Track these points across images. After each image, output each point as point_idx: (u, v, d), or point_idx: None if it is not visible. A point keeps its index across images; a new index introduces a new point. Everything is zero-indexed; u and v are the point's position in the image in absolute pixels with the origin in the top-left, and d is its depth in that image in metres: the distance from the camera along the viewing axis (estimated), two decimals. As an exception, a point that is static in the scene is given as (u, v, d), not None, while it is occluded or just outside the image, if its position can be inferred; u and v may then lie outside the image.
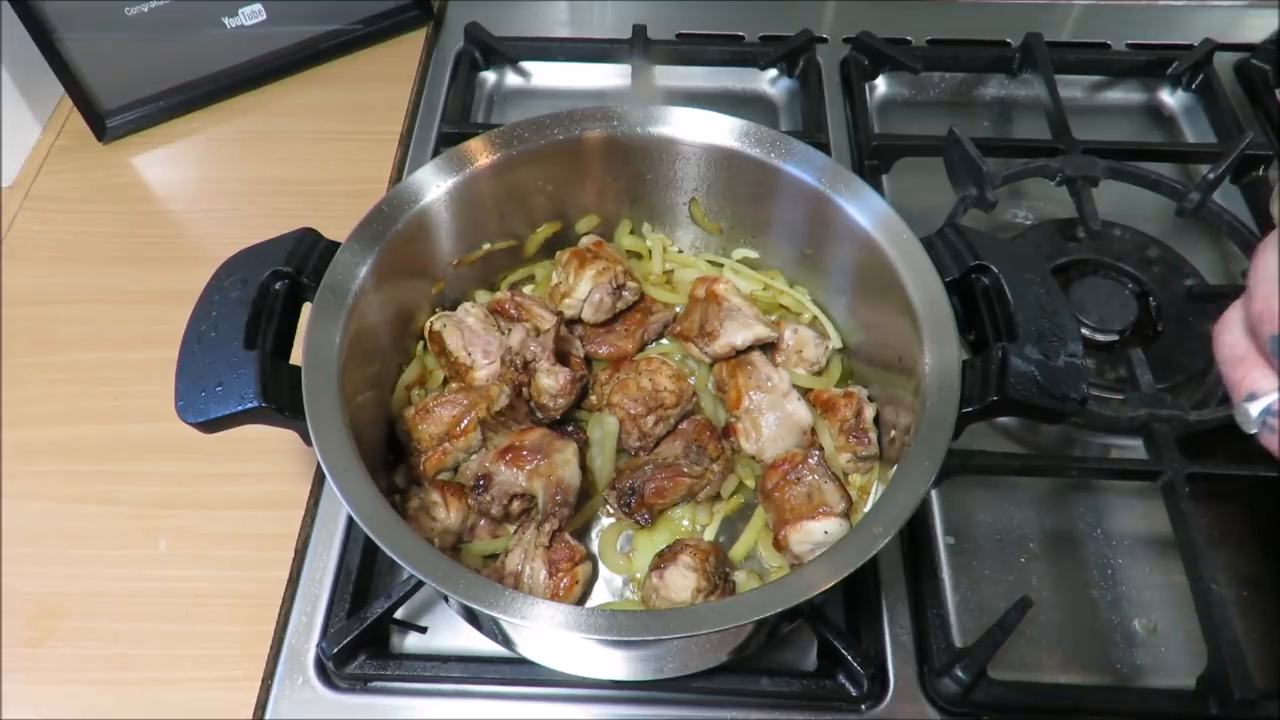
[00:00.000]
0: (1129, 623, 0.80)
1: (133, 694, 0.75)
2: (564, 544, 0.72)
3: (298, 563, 0.81)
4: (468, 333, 0.83)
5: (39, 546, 0.82)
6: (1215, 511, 0.86)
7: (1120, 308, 0.95)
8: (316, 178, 1.09)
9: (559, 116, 0.81)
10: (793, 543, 0.74)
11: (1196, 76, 1.20)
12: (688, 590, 0.69)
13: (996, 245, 0.73)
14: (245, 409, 0.63)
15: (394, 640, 0.79)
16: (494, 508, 0.75)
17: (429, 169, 0.79)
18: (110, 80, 1.10)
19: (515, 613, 0.57)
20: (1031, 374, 0.64)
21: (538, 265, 0.93)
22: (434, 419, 0.79)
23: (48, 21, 1.03)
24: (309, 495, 0.85)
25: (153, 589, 0.80)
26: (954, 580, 0.82)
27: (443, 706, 0.75)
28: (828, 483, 0.75)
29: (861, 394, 0.82)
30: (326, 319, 0.69)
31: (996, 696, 0.73)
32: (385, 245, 0.74)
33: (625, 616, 0.58)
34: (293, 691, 0.75)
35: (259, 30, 1.15)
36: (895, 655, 0.76)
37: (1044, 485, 0.88)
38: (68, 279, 1.01)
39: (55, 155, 1.12)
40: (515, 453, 0.76)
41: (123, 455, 0.87)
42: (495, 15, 1.25)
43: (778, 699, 0.74)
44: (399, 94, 1.18)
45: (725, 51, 1.22)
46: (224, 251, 0.72)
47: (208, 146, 1.14)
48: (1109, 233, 1.02)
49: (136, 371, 0.93)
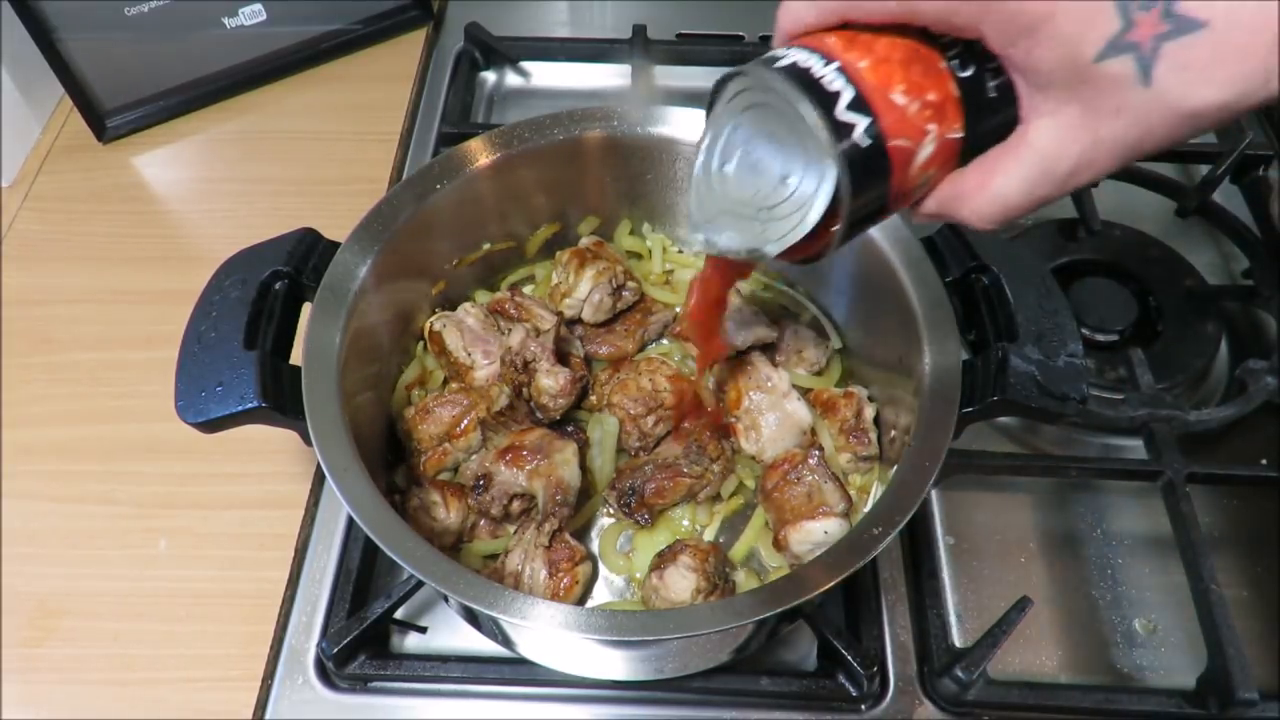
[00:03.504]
0: (1129, 623, 0.80)
1: (133, 694, 0.75)
2: (564, 544, 0.72)
3: (298, 563, 0.81)
4: (468, 333, 0.83)
5: (39, 546, 0.82)
6: (1215, 511, 0.86)
7: (1120, 308, 0.95)
8: (316, 178, 1.09)
9: (559, 116, 0.81)
10: (793, 543, 0.74)
11: (1196, 76, 1.19)
12: (687, 591, 0.69)
13: (996, 245, 0.73)
14: (245, 409, 0.63)
15: (394, 640, 0.79)
16: (494, 508, 0.75)
17: (429, 169, 0.79)
18: (110, 80, 1.10)
19: (515, 613, 0.57)
20: (1031, 374, 0.64)
21: (538, 265, 0.93)
22: (434, 419, 0.79)
23: (48, 21, 1.03)
24: (309, 495, 0.85)
25: (153, 589, 0.80)
26: (954, 580, 0.82)
27: (443, 706, 0.75)
28: (828, 483, 0.75)
29: (861, 394, 0.82)
30: (326, 319, 0.69)
31: (996, 696, 0.73)
32: (385, 245, 0.74)
33: (625, 616, 0.58)
34: (293, 691, 0.75)
35: (259, 30, 1.15)
36: (895, 655, 0.76)
37: (1044, 485, 0.88)
38: (68, 279, 1.01)
39: (55, 155, 1.12)
40: (515, 453, 0.76)
41: (123, 455, 0.87)
42: (495, 15, 1.25)
43: (778, 699, 0.74)
44: (399, 94, 1.18)
45: (725, 51, 1.21)
46: (224, 251, 0.72)
47: (208, 146, 1.14)
48: (1109, 233, 1.02)
49: (136, 371, 0.93)
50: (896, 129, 0.49)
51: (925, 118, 0.49)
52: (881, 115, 0.48)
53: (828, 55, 0.49)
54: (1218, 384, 0.95)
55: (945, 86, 0.49)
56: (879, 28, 0.49)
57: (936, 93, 0.49)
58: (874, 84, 0.48)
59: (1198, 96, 0.42)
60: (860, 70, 0.48)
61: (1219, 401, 0.91)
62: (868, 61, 0.48)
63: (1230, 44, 0.41)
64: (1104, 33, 0.42)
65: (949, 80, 0.49)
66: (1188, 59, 0.41)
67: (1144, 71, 0.42)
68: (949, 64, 0.49)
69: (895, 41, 0.48)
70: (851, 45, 0.49)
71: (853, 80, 0.48)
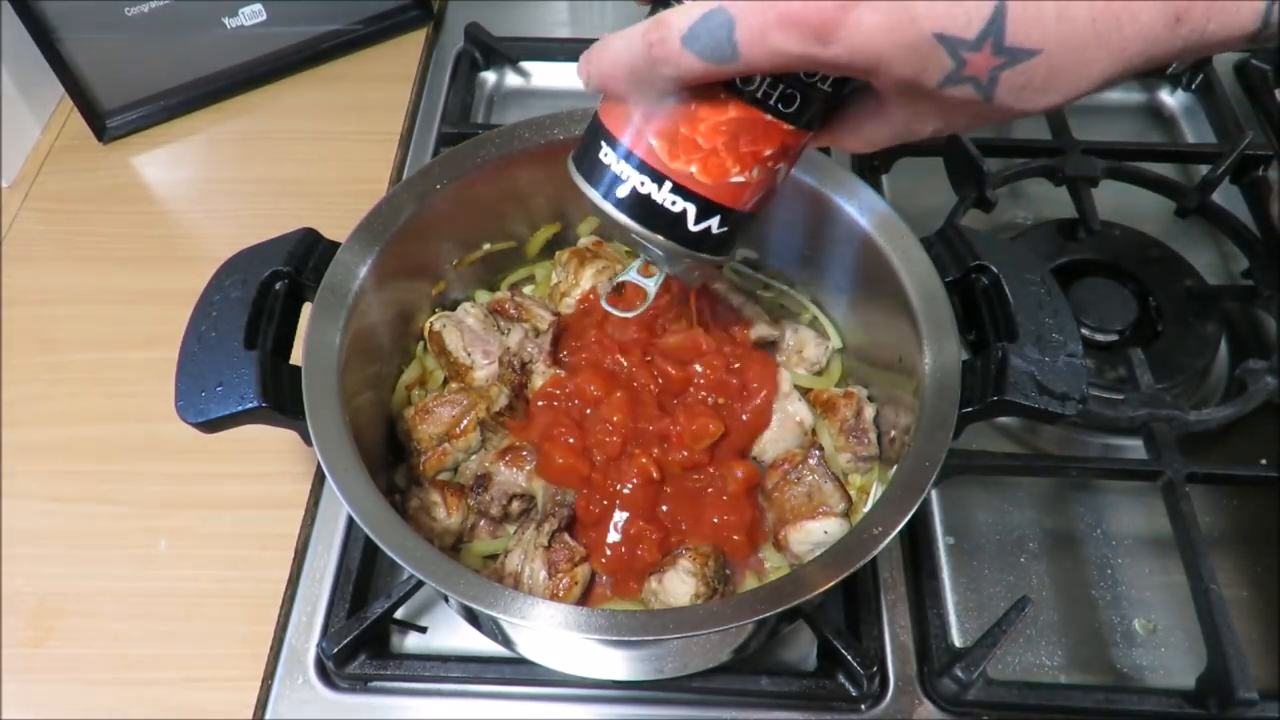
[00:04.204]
0: (1129, 623, 0.80)
1: (133, 694, 0.75)
2: (564, 544, 0.72)
3: (298, 563, 0.81)
4: (467, 333, 0.83)
5: (39, 546, 0.82)
6: (1215, 511, 0.86)
7: (1120, 308, 0.95)
8: (316, 178, 1.09)
9: (559, 116, 0.81)
10: (793, 543, 0.74)
11: (1196, 76, 1.20)
12: (686, 596, 0.69)
13: (996, 245, 0.73)
14: (245, 409, 0.63)
15: (394, 640, 0.79)
16: (494, 508, 0.75)
17: (429, 169, 0.79)
18: (110, 80, 1.10)
19: (515, 613, 0.57)
20: (1031, 374, 0.64)
21: (538, 265, 0.93)
22: (434, 419, 0.79)
23: (48, 21, 1.03)
24: (309, 495, 0.85)
25: (153, 589, 0.80)
26: (954, 580, 0.82)
27: (443, 706, 0.75)
28: (828, 483, 0.75)
29: (861, 394, 0.82)
30: (326, 319, 0.69)
31: (996, 696, 0.73)
32: (385, 245, 0.74)
33: (625, 616, 0.58)
34: (293, 691, 0.75)
35: (259, 30, 1.15)
36: (895, 655, 0.76)
37: (1044, 485, 0.88)
38: (68, 279, 1.01)
39: (55, 155, 1.12)
40: (515, 453, 0.76)
41: (123, 455, 0.87)
42: (495, 15, 1.25)
43: (778, 699, 0.74)
44: (399, 94, 1.18)
45: (725, 51, 1.21)
46: (224, 251, 0.72)
47: (208, 146, 1.14)
48: (1109, 233, 1.02)
49: (136, 371, 0.93)
50: (747, 196, 0.52)
51: (770, 169, 0.51)
52: (729, 202, 0.51)
53: (658, 170, 0.50)
54: (1218, 384, 0.95)
55: (776, 133, 0.50)
56: (694, 106, 0.49)
57: (771, 145, 0.50)
58: (710, 184, 0.50)
59: (1040, 103, 0.43)
60: (692, 177, 0.50)
61: (1219, 401, 0.91)
62: (696, 164, 0.50)
63: (1068, 62, 0.41)
64: (938, 73, 0.42)
65: (778, 126, 0.50)
66: (1025, 80, 0.42)
67: (985, 94, 0.43)
68: (771, 110, 0.49)
69: (716, 123, 0.49)
70: (676, 149, 0.49)
71: (691, 192, 0.50)
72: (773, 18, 0.41)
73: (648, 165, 0.50)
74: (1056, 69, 0.41)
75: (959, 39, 0.40)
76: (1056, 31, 0.40)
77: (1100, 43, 0.40)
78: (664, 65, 0.45)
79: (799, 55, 0.42)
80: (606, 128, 0.52)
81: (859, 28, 0.40)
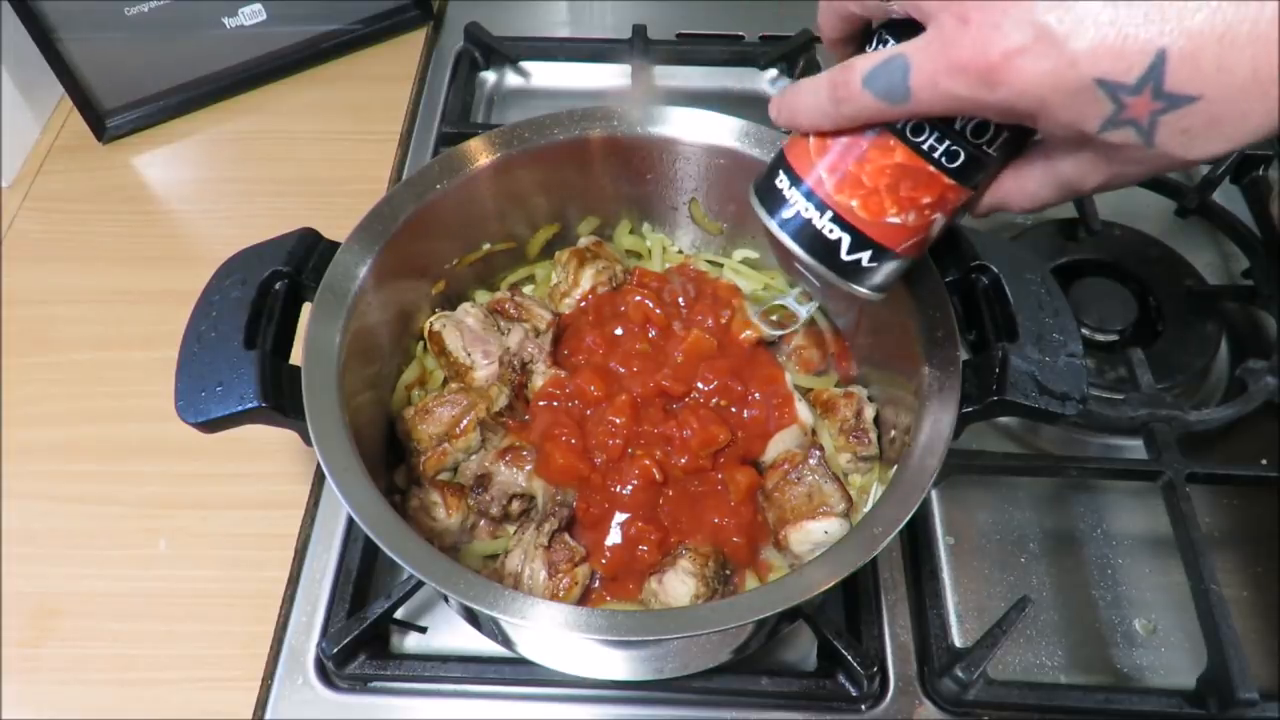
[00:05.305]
0: (1129, 623, 0.80)
1: (133, 694, 0.75)
2: (564, 544, 0.72)
3: (298, 563, 0.81)
4: (467, 333, 0.83)
5: (39, 546, 0.82)
6: (1215, 511, 0.86)
7: (1120, 308, 0.95)
8: (316, 178, 1.09)
9: (559, 116, 0.81)
10: (793, 543, 0.74)
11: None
12: (686, 596, 0.69)
13: (996, 245, 0.72)
14: (245, 409, 0.63)
15: (394, 640, 0.79)
16: (494, 508, 0.75)
17: (429, 169, 0.79)
18: (110, 80, 1.10)
19: (515, 613, 0.57)
20: (1031, 374, 0.64)
21: (538, 265, 0.93)
22: (434, 419, 0.79)
23: (48, 21, 1.03)
24: (309, 495, 0.85)
25: (153, 589, 0.80)
26: (954, 580, 0.82)
27: (443, 706, 0.75)
28: (828, 483, 0.75)
29: (861, 394, 0.82)
30: (326, 319, 0.69)
31: (996, 696, 0.73)
32: (385, 245, 0.74)
33: (625, 616, 0.58)
34: (293, 691, 0.75)
35: (259, 30, 1.15)
36: (895, 655, 0.76)
37: (1044, 485, 0.88)
38: (68, 279, 1.01)
39: (55, 155, 1.12)
40: (515, 453, 0.76)
41: (123, 455, 0.87)
42: (495, 15, 1.25)
43: (778, 699, 0.74)
44: (399, 94, 1.18)
45: (725, 51, 1.21)
46: (224, 251, 0.72)
47: (208, 146, 1.14)
48: (1109, 233, 1.02)
49: (136, 371, 0.93)
50: (901, 238, 0.57)
51: (926, 217, 0.56)
52: (882, 239, 0.57)
53: (822, 200, 0.56)
54: (1218, 384, 0.95)
55: (937, 184, 0.54)
56: (866, 148, 0.54)
57: (930, 194, 0.55)
58: (867, 219, 0.55)
59: (1203, 150, 0.45)
60: (852, 210, 0.56)
61: (1219, 401, 0.91)
62: (858, 200, 0.55)
63: (1227, 112, 0.43)
64: (1098, 116, 0.44)
65: (939, 178, 0.54)
66: (1187, 125, 0.44)
67: (1146, 138, 0.45)
68: (935, 162, 0.53)
69: (882, 165, 0.54)
70: (842, 183, 0.55)
71: (848, 223, 0.56)
72: (944, 64, 0.45)
73: (815, 195, 0.56)
74: (1217, 117, 0.43)
75: (1119, 84, 0.43)
76: (1216, 80, 0.41)
77: (1260, 94, 0.42)
78: (845, 104, 0.51)
79: (968, 98, 0.45)
80: (787, 160, 0.59)
81: (1022, 73, 0.43)
